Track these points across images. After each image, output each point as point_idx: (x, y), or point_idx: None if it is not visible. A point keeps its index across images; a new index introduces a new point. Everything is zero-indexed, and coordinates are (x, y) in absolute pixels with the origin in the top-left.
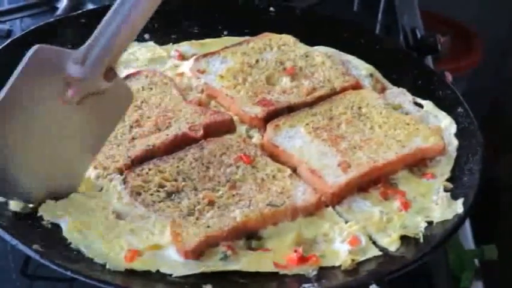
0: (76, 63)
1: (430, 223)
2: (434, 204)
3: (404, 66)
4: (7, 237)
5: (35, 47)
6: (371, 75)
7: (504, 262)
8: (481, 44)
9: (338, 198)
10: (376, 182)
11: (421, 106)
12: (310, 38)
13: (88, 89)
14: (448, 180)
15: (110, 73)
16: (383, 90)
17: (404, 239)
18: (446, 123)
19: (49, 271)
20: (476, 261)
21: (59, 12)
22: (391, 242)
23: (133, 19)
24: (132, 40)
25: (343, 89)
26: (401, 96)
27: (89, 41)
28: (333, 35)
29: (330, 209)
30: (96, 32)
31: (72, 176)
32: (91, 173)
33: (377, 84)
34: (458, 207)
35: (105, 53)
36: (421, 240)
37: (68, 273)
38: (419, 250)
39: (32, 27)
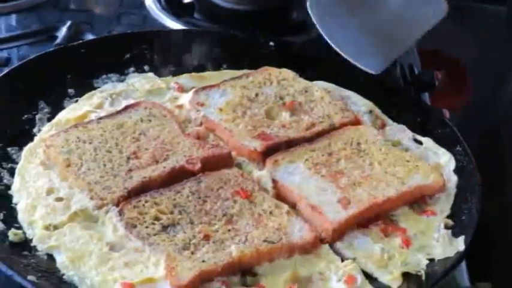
0: None
1: (431, 260)
2: (435, 241)
3: (403, 104)
4: (3, 267)
5: None
6: (370, 111)
7: None
8: (473, 80)
9: (338, 234)
10: (376, 218)
11: (420, 143)
12: (309, 73)
13: None
14: (447, 217)
15: None
16: (383, 126)
17: (406, 275)
18: (446, 160)
19: None
20: None
21: (58, 41)
22: (392, 279)
23: None
24: None
25: (343, 125)
26: (401, 132)
27: None
28: (332, 70)
29: (326, 247)
30: None
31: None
32: (87, 203)
33: (377, 120)
34: (460, 245)
35: None
36: (423, 277)
37: None
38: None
39: (32, 56)
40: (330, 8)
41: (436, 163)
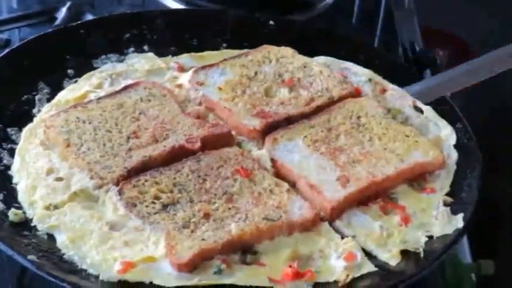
0: None
1: (430, 237)
2: (434, 219)
3: (404, 81)
4: (3, 247)
5: None
6: (370, 79)
7: (501, 277)
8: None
9: (337, 212)
10: (375, 196)
11: (421, 111)
12: (309, 52)
13: None
14: (447, 194)
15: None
16: (383, 91)
17: (404, 253)
18: (447, 133)
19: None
20: (473, 275)
21: (57, 22)
22: (391, 257)
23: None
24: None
25: (342, 98)
26: (402, 99)
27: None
28: (332, 49)
29: (326, 224)
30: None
31: None
32: (87, 183)
33: (377, 87)
34: (459, 222)
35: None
36: (422, 254)
37: (65, 285)
38: (418, 265)
39: (32, 37)
40: None
41: (437, 135)
